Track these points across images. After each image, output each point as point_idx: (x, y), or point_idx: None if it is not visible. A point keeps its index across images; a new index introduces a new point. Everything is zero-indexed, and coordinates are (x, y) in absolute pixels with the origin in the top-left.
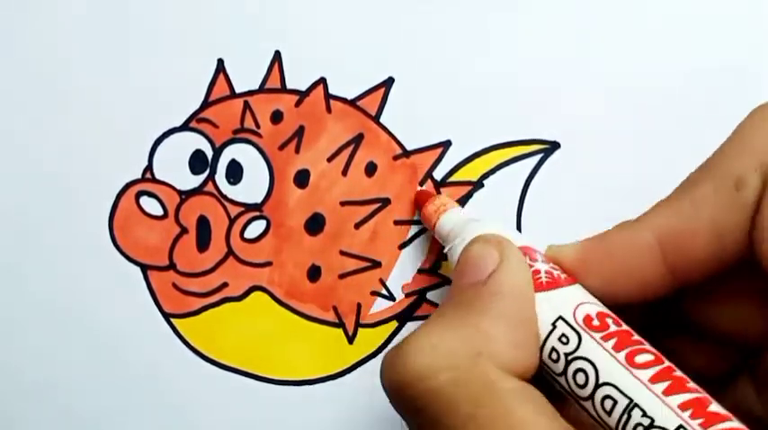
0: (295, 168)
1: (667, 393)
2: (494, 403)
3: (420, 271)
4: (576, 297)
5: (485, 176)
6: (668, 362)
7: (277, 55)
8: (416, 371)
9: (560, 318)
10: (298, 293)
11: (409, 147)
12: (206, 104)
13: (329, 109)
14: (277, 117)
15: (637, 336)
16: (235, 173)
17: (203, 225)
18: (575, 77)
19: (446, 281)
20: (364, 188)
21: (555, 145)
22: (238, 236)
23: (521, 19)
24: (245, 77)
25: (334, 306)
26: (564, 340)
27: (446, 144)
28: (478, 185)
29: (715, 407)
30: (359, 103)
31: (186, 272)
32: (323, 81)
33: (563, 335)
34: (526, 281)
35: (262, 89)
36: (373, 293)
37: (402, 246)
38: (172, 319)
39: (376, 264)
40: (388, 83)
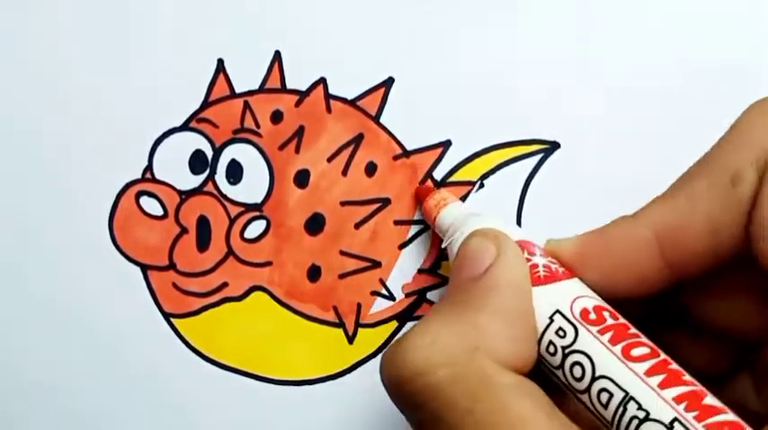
0: (295, 168)
1: (662, 386)
2: (490, 398)
3: (420, 271)
4: (574, 290)
5: (485, 176)
6: (664, 355)
7: (277, 55)
8: (415, 366)
9: (557, 312)
10: (298, 293)
11: (409, 147)
12: (206, 104)
13: (329, 109)
14: (277, 117)
15: (633, 329)
16: (235, 173)
17: (203, 225)
18: (575, 77)
19: (446, 281)
20: (364, 188)
21: (555, 145)
22: (238, 236)
23: (521, 19)
24: (245, 77)
25: (334, 306)
26: (561, 334)
27: (446, 144)
28: (478, 185)
29: (710, 399)
30: (359, 103)
31: (186, 272)
32: (323, 81)
33: (560, 328)
34: (523, 274)
35: (262, 89)
36: (373, 293)
37: (402, 246)
38: (172, 319)
39: (376, 264)
40: (388, 83)
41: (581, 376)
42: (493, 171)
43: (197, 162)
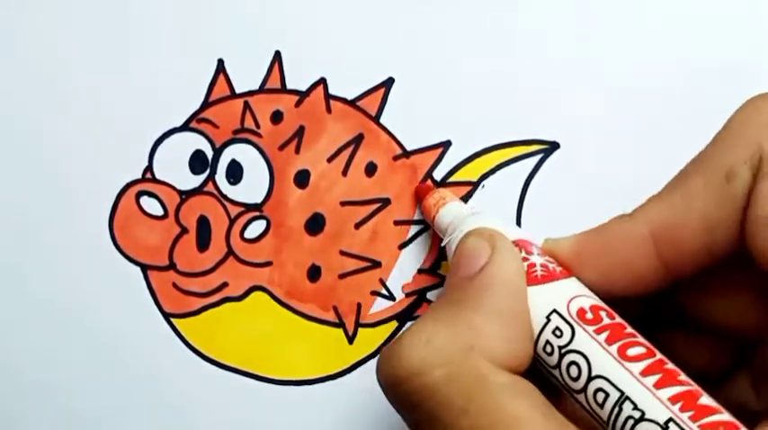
0: (295, 168)
1: (658, 386)
2: (485, 398)
3: (420, 271)
4: (571, 290)
5: (485, 176)
6: (660, 354)
7: (277, 55)
8: (411, 366)
9: (554, 312)
10: (298, 293)
11: (409, 147)
12: (206, 104)
13: (329, 109)
14: (277, 117)
15: (630, 329)
16: (235, 173)
17: (203, 225)
18: (575, 77)
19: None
20: (364, 188)
21: (555, 145)
22: (238, 236)
23: (521, 19)
24: (245, 77)
25: (334, 306)
26: (558, 333)
27: (446, 144)
28: (478, 185)
29: (705, 399)
30: (359, 104)
31: (186, 272)
32: (323, 81)
33: (557, 328)
34: (518, 274)
35: (262, 89)
36: (373, 293)
37: (402, 246)
38: (172, 319)
39: (376, 264)
40: (388, 83)
41: (577, 376)
42: (493, 171)
43: (197, 162)
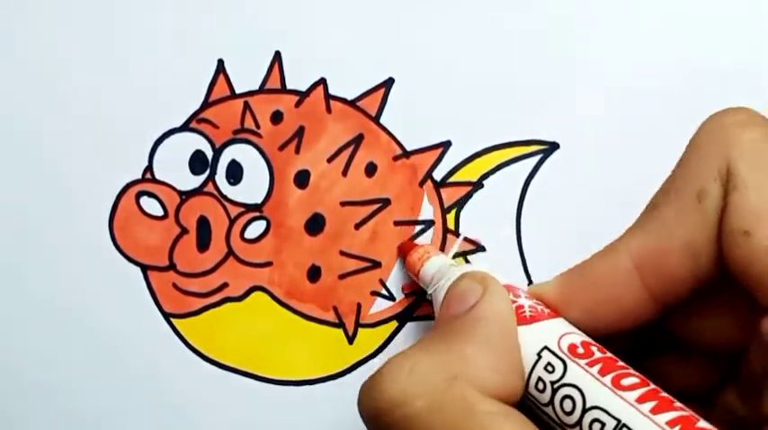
0: (295, 169)
1: (655, 412)
2: (473, 426)
3: None
4: (560, 328)
5: (485, 176)
6: (654, 384)
7: (277, 55)
8: (392, 397)
9: (545, 348)
10: (298, 293)
11: (409, 147)
12: (206, 105)
13: (329, 109)
14: (277, 117)
15: (621, 362)
16: (235, 173)
17: (203, 225)
18: (575, 77)
19: None
20: (364, 188)
21: (554, 145)
22: (238, 236)
23: (521, 19)
24: (245, 78)
25: (334, 306)
26: (549, 369)
27: (446, 144)
28: (478, 185)
29: (703, 424)
30: (359, 104)
31: (186, 272)
32: (323, 81)
33: (548, 364)
34: (509, 310)
35: (262, 89)
36: (373, 293)
37: None
38: (172, 319)
39: (376, 265)
40: (388, 83)
41: (571, 409)
42: (493, 171)
43: (197, 162)
